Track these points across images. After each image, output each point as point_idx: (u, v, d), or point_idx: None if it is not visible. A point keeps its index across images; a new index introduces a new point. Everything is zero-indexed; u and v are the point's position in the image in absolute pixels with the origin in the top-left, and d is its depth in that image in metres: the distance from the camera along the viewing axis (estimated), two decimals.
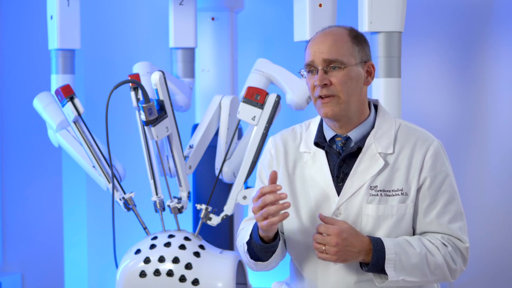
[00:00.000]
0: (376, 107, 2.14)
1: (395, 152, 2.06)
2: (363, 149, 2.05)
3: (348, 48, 2.04)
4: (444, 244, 2.02)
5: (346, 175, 2.05)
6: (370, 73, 2.09)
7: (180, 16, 3.36)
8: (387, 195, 2.03)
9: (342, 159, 2.06)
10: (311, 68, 2.05)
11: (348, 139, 2.07)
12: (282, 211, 1.93)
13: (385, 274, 1.97)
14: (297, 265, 2.13)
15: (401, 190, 2.04)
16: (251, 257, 2.08)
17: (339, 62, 2.02)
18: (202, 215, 3.01)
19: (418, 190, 2.04)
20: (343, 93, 2.02)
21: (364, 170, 2.04)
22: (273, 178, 1.96)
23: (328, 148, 2.08)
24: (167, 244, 2.85)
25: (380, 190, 2.03)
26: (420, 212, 2.05)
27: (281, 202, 1.93)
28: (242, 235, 2.14)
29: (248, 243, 2.06)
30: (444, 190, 2.05)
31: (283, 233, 2.15)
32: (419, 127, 2.13)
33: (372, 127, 2.09)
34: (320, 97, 2.02)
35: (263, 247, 2.03)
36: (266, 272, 2.17)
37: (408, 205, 2.03)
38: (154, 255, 2.82)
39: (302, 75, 2.09)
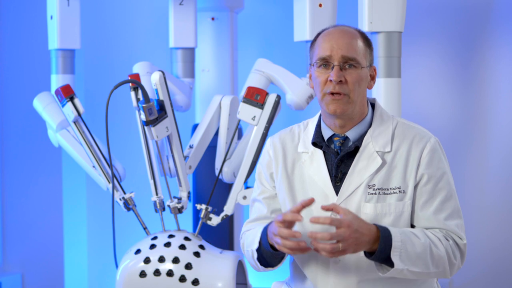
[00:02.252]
0: (373, 105, 2.14)
1: (392, 150, 2.06)
2: (361, 148, 2.05)
3: (362, 49, 2.03)
4: (446, 238, 2.02)
5: (344, 174, 2.06)
6: (373, 77, 2.10)
7: (180, 16, 3.36)
8: (385, 194, 2.03)
9: (340, 158, 2.06)
10: (325, 62, 2.02)
11: (346, 138, 2.07)
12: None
13: (389, 263, 1.95)
14: (299, 264, 2.13)
15: (398, 188, 2.03)
16: (261, 264, 2.09)
17: (356, 61, 2.01)
18: (202, 215, 3.01)
19: (415, 187, 2.05)
20: (354, 93, 2.01)
21: (362, 169, 2.04)
22: (307, 204, 1.93)
23: (326, 147, 2.08)
24: (167, 244, 2.85)
25: (378, 189, 2.03)
26: (417, 209, 2.05)
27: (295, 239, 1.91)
28: (249, 240, 2.14)
29: (257, 249, 2.06)
30: (441, 187, 2.04)
31: None
32: (417, 124, 2.13)
33: (370, 126, 2.09)
34: (332, 93, 2.01)
35: (273, 254, 2.03)
36: (266, 271, 2.17)
37: (406, 203, 2.03)
38: (154, 255, 2.82)
39: (312, 66, 2.05)
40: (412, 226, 2.07)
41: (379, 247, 1.93)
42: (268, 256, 2.05)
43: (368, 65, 2.05)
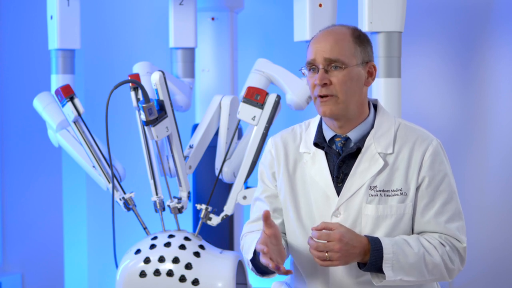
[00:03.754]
0: (375, 106, 2.14)
1: (394, 152, 2.05)
2: (363, 150, 2.05)
3: (349, 48, 2.03)
4: (442, 244, 2.02)
5: (346, 175, 2.05)
6: (371, 74, 2.09)
7: (180, 16, 3.36)
8: (387, 195, 2.03)
9: (341, 159, 2.06)
10: (312, 66, 2.05)
11: (347, 139, 2.07)
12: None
13: (383, 273, 1.96)
14: (297, 265, 2.13)
15: (400, 190, 2.03)
16: (258, 272, 2.09)
17: (340, 62, 2.01)
18: (202, 215, 3.01)
19: (417, 190, 2.04)
20: (342, 93, 2.02)
21: (363, 170, 2.04)
22: (265, 217, 1.94)
23: (328, 148, 2.08)
24: (167, 244, 2.85)
25: (380, 190, 2.03)
26: (418, 211, 2.05)
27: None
28: (246, 247, 2.14)
29: (252, 260, 2.06)
30: (443, 190, 2.04)
31: (284, 234, 2.15)
32: (419, 126, 2.13)
33: (372, 127, 2.09)
34: (320, 96, 2.02)
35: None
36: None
37: (407, 205, 2.03)
38: (154, 255, 2.82)
39: (303, 73, 2.09)
40: (413, 228, 2.07)
41: (370, 260, 1.95)
42: (263, 265, 2.04)
43: (360, 63, 2.05)
